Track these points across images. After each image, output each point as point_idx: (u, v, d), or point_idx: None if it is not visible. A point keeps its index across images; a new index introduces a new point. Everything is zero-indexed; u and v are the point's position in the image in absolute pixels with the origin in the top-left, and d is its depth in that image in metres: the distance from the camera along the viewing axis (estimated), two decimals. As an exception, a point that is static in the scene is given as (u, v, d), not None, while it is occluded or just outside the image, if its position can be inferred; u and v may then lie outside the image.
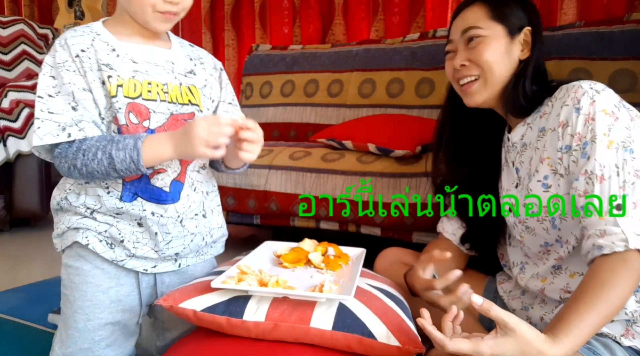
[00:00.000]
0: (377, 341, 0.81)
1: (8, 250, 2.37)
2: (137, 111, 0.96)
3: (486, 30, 1.00)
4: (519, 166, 1.04)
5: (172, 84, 1.01)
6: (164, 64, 1.02)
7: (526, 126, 1.02)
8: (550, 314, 0.97)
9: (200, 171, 1.06)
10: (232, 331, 0.86)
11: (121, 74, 0.95)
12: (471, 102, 1.04)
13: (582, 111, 0.87)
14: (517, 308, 1.07)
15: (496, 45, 1.00)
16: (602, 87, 0.88)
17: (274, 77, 2.82)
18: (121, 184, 0.96)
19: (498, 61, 1.00)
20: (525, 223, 1.03)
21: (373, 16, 2.84)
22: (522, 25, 1.01)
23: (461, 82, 1.04)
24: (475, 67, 1.01)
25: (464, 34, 1.03)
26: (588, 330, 0.75)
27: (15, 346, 1.27)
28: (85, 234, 0.97)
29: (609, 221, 0.80)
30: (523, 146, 1.02)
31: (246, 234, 2.77)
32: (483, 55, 1.00)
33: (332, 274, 1.00)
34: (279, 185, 1.96)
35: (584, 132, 0.86)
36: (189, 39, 1.25)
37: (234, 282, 0.88)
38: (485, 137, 1.14)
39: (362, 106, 2.50)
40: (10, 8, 4.03)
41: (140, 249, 0.98)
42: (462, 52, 1.03)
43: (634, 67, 1.86)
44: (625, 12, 2.13)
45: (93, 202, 0.97)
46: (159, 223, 0.98)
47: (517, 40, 1.01)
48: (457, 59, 1.04)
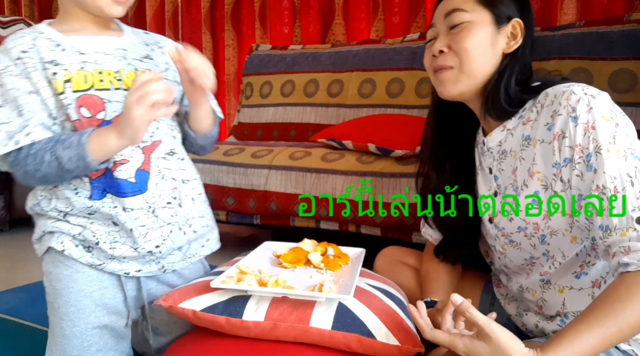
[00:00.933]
0: (376, 341, 0.81)
1: (8, 250, 2.37)
2: (89, 103, 0.93)
3: (471, 14, 0.92)
4: (497, 174, 0.97)
5: (126, 70, 0.99)
6: (113, 52, 0.99)
7: (506, 132, 0.94)
8: (544, 322, 0.95)
9: (168, 157, 1.02)
10: (232, 331, 0.86)
11: (68, 68, 0.93)
12: (444, 92, 0.95)
13: (580, 120, 0.79)
14: (512, 314, 1.06)
15: (480, 33, 0.91)
16: (597, 91, 0.82)
17: (274, 77, 2.82)
18: (88, 183, 0.95)
19: (479, 51, 0.91)
20: (510, 237, 0.97)
21: (373, 16, 2.84)
22: (511, 16, 0.93)
23: (436, 66, 0.95)
24: (453, 56, 0.93)
25: (447, 17, 0.94)
26: (585, 348, 0.69)
27: (15, 346, 1.27)
28: (60, 238, 0.96)
29: (632, 237, 0.73)
30: (502, 153, 0.95)
31: (246, 234, 2.77)
32: (464, 42, 0.91)
33: (331, 274, 1.00)
34: (279, 185, 1.96)
35: (585, 143, 0.79)
36: (189, 39, 1.25)
37: (233, 282, 0.88)
38: (460, 137, 1.07)
39: (362, 106, 2.50)
40: (10, 8, 4.03)
41: (119, 250, 0.97)
42: (443, 38, 0.95)
43: (634, 67, 1.86)
44: (625, 12, 2.13)
45: (64, 205, 0.96)
46: (132, 217, 0.96)
47: (504, 32, 0.92)
48: (436, 44, 0.95)
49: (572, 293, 0.89)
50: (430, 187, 1.10)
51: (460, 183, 1.07)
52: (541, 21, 2.40)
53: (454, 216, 1.07)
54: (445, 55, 0.94)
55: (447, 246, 1.12)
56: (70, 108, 0.92)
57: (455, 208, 1.07)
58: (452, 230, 1.10)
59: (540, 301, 0.95)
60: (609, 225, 0.76)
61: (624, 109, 1.39)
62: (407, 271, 1.21)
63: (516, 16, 0.93)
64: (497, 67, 0.93)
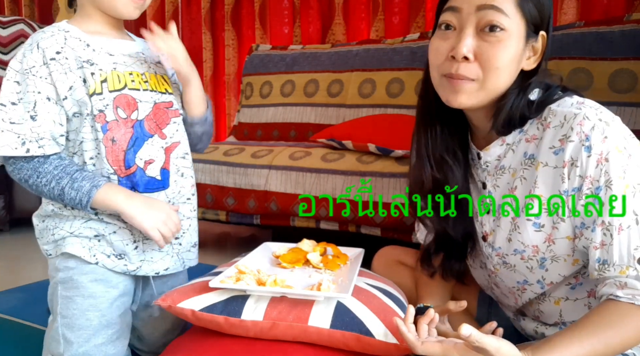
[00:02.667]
0: (375, 339, 0.81)
1: (8, 250, 2.37)
2: (124, 103, 0.96)
3: (510, 21, 0.77)
4: (492, 190, 0.93)
5: (149, 73, 1.03)
6: (136, 55, 1.03)
7: (505, 147, 0.88)
8: (543, 327, 0.95)
9: (185, 157, 1.08)
10: (231, 330, 0.86)
11: (103, 68, 0.95)
12: (455, 102, 0.84)
13: (594, 150, 0.75)
14: (511, 316, 1.06)
15: (514, 49, 0.79)
16: (611, 117, 0.77)
17: (274, 77, 2.82)
18: (116, 181, 0.97)
19: (507, 70, 0.80)
20: (504, 258, 0.93)
21: (373, 16, 2.84)
22: (540, 29, 0.82)
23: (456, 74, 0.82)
24: (478, 68, 0.80)
25: (481, 11, 0.78)
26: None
27: (15, 346, 1.27)
28: (92, 251, 0.97)
29: (631, 275, 0.73)
30: (500, 169, 0.90)
31: (246, 234, 2.77)
32: (497, 59, 0.79)
33: (330, 274, 1.00)
34: (279, 185, 1.96)
35: (597, 175, 0.76)
36: (189, 39, 1.26)
37: (232, 282, 0.88)
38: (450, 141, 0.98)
39: (362, 106, 2.50)
40: (10, 8, 4.03)
41: (149, 247, 1.02)
42: (470, 39, 0.79)
43: (634, 67, 1.86)
44: (625, 12, 2.13)
45: None
46: None
47: (530, 46, 0.82)
48: (460, 46, 0.79)
49: (568, 303, 0.88)
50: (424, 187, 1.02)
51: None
52: (541, 21, 2.39)
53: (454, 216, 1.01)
54: (469, 65, 0.80)
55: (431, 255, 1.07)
56: (108, 109, 0.94)
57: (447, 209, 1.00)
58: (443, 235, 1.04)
59: (537, 312, 0.94)
60: (607, 260, 0.76)
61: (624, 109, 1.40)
62: (404, 271, 1.21)
63: (543, 28, 0.82)
64: (514, 83, 0.84)
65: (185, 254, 1.09)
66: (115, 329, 0.99)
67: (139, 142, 0.98)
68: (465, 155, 0.98)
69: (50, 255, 1.01)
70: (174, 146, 1.05)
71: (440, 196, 0.99)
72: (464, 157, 0.98)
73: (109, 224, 0.98)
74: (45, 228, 1.01)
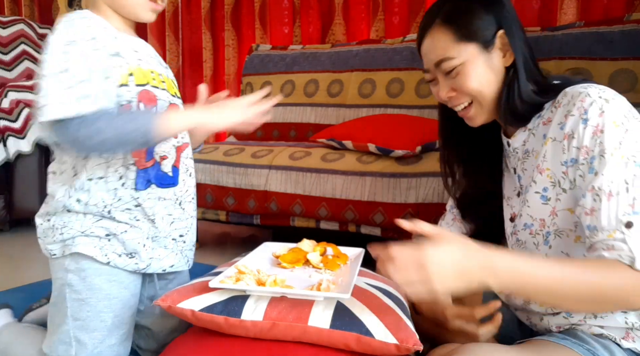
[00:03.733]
0: (374, 339, 0.81)
1: (8, 250, 2.37)
2: (147, 98, 0.97)
3: (459, 57, 0.91)
4: (521, 174, 0.98)
5: (164, 74, 1.05)
6: (154, 56, 1.05)
7: (528, 132, 0.95)
8: (549, 316, 0.95)
9: (192, 158, 1.10)
10: (230, 330, 0.86)
11: (130, 62, 0.96)
12: (474, 124, 0.98)
13: (590, 123, 0.79)
14: (518, 306, 1.05)
15: (476, 69, 0.91)
16: (612, 95, 0.81)
17: (274, 77, 2.82)
18: (135, 172, 0.97)
19: (484, 82, 0.92)
20: (517, 235, 0.97)
21: (373, 16, 2.84)
22: (494, 32, 0.91)
23: (456, 109, 0.98)
24: (463, 95, 0.94)
25: (438, 67, 0.94)
26: (538, 277, 0.73)
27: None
28: (103, 250, 0.96)
29: (617, 238, 0.75)
30: (525, 153, 0.96)
31: (246, 234, 2.78)
32: (466, 85, 0.92)
33: (330, 274, 1.00)
34: (279, 185, 1.97)
35: (592, 146, 0.79)
36: (188, 39, 1.28)
37: (231, 282, 0.88)
38: (483, 140, 1.07)
39: (362, 106, 2.50)
40: (10, 8, 4.03)
41: (158, 245, 1.03)
42: (444, 84, 0.96)
43: (634, 67, 1.86)
44: (625, 12, 2.13)
45: (111, 197, 0.96)
46: (163, 206, 1.02)
47: (495, 50, 0.92)
48: (441, 92, 0.97)
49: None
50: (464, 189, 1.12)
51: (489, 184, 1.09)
52: (541, 21, 2.40)
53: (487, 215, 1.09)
54: (455, 97, 0.95)
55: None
56: (133, 102, 0.95)
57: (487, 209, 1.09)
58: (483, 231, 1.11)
59: (548, 309, 0.94)
60: (597, 226, 0.77)
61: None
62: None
63: (498, 28, 0.91)
64: (504, 81, 0.93)
65: (188, 252, 1.11)
66: (126, 329, 1.00)
67: None
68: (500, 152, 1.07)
69: (54, 256, 0.99)
70: (184, 146, 1.07)
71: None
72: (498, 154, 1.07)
73: (121, 223, 0.98)
74: (50, 227, 0.99)
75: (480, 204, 1.11)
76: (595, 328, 0.86)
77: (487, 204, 1.10)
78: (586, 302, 0.75)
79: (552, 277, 0.73)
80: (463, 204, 1.14)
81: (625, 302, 0.75)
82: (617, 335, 0.84)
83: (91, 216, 0.97)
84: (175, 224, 1.05)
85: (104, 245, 0.97)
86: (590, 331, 0.86)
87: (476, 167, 1.10)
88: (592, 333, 0.86)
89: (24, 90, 2.70)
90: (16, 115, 2.56)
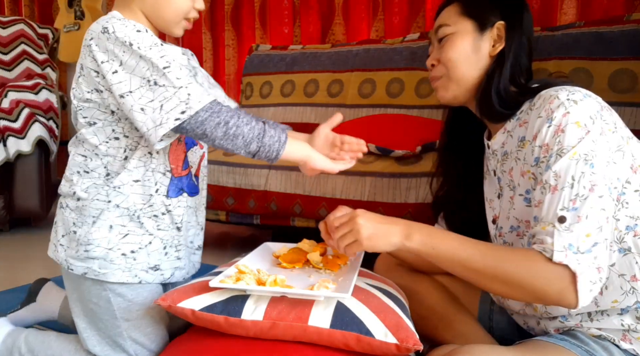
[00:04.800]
0: (375, 339, 0.81)
1: (8, 250, 2.37)
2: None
3: (453, 27, 0.98)
4: (500, 176, 1.00)
5: None
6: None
7: (506, 134, 0.96)
8: (546, 320, 0.95)
9: (207, 167, 1.12)
10: (231, 330, 0.86)
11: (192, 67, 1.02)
12: (439, 98, 1.03)
13: (554, 122, 0.82)
14: (514, 310, 1.05)
15: (461, 42, 0.97)
16: (582, 97, 0.82)
17: (274, 77, 2.82)
18: (169, 180, 0.98)
19: (462, 59, 0.97)
20: (504, 237, 0.98)
21: (373, 16, 2.84)
22: (495, 20, 0.96)
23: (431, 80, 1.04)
24: (442, 67, 0.99)
25: (436, 33, 1.01)
26: (447, 245, 0.83)
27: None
28: (132, 272, 0.97)
29: (548, 231, 0.78)
30: (504, 155, 0.97)
31: (246, 234, 2.78)
32: (447, 53, 0.97)
33: (330, 274, 1.00)
34: (279, 185, 1.96)
35: (552, 144, 0.82)
36: (189, 39, 1.28)
37: (232, 281, 0.88)
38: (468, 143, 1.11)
39: (362, 106, 2.50)
40: (10, 8, 4.03)
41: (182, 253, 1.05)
42: (434, 52, 1.02)
43: (634, 67, 1.86)
44: (625, 12, 2.13)
45: (141, 201, 0.96)
46: (186, 213, 1.03)
47: (488, 36, 0.96)
48: (429, 59, 1.03)
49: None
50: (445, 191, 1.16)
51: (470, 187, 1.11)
52: (541, 21, 2.40)
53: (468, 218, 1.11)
54: (436, 68, 1.01)
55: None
56: None
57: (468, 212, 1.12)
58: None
59: (544, 314, 0.94)
60: (537, 217, 0.81)
61: (624, 109, 1.39)
62: (405, 273, 1.21)
63: (499, 19, 0.96)
64: (486, 70, 0.97)
65: (193, 256, 1.11)
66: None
67: (188, 147, 1.03)
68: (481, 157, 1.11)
69: (72, 270, 0.97)
70: (203, 156, 1.10)
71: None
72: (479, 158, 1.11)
73: (146, 234, 0.97)
74: (75, 240, 0.96)
75: (463, 207, 1.13)
76: (594, 330, 0.86)
77: (469, 207, 1.11)
78: (498, 283, 0.81)
79: (462, 249, 0.83)
80: (446, 207, 1.16)
81: (541, 292, 0.78)
82: (615, 336, 0.84)
83: (119, 227, 0.95)
84: (191, 232, 1.08)
85: (132, 265, 0.97)
86: (590, 332, 0.86)
87: (461, 170, 1.13)
88: (591, 334, 0.86)
89: (24, 90, 2.70)
90: (16, 115, 2.56)
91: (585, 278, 0.75)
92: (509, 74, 0.94)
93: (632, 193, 0.82)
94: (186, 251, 1.07)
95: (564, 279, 0.76)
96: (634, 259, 0.82)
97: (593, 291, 0.76)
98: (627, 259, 0.82)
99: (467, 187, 1.11)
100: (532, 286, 0.78)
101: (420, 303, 1.10)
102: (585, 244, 0.76)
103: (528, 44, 0.97)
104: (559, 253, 0.76)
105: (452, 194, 1.14)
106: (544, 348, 0.84)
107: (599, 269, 0.76)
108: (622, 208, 0.82)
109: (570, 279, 0.76)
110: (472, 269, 0.82)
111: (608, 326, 0.85)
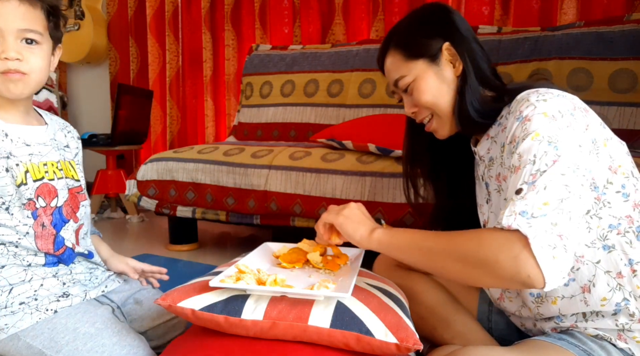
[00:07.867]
0: (375, 339, 0.81)
1: None
2: (45, 192, 0.98)
3: (410, 75, 0.99)
4: (488, 181, 1.00)
5: (62, 161, 1.04)
6: (50, 143, 1.03)
7: (490, 140, 0.98)
8: (542, 321, 0.95)
9: (86, 238, 1.12)
10: (231, 330, 0.86)
11: (22, 160, 0.95)
12: (440, 137, 1.03)
13: (522, 115, 0.83)
14: (511, 312, 1.05)
15: (427, 83, 0.98)
16: (551, 96, 0.83)
17: (274, 77, 2.82)
18: (43, 258, 0.98)
19: (437, 94, 0.98)
20: None
21: (373, 16, 2.84)
22: (439, 45, 0.97)
23: (423, 123, 1.04)
24: (423, 109, 1.01)
25: (397, 86, 1.02)
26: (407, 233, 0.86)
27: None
28: (40, 310, 0.94)
29: (508, 206, 0.76)
30: (490, 161, 0.98)
31: (246, 234, 2.78)
32: (421, 99, 0.98)
33: (330, 274, 1.00)
34: (279, 185, 1.97)
35: (519, 133, 0.82)
36: (188, 39, 1.27)
37: (232, 281, 0.88)
38: (454, 151, 1.12)
39: (362, 106, 2.50)
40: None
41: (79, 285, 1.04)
42: (406, 101, 1.03)
43: (634, 67, 1.86)
44: (625, 12, 2.13)
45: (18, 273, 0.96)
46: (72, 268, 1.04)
47: (444, 61, 0.97)
48: (405, 109, 1.04)
49: (564, 301, 0.89)
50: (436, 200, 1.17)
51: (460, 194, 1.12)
52: (541, 21, 2.40)
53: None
54: (419, 113, 1.02)
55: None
56: (33, 197, 0.95)
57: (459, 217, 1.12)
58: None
59: (537, 316, 0.94)
60: (506, 197, 0.81)
61: (624, 109, 1.40)
62: (405, 274, 1.21)
63: (441, 42, 0.97)
64: (456, 90, 0.98)
65: (97, 271, 1.11)
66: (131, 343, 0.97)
67: (58, 228, 1.00)
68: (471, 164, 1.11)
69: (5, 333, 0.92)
70: (80, 227, 1.07)
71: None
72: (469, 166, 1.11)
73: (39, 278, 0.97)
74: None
75: (455, 215, 1.13)
76: (591, 330, 0.86)
77: (461, 214, 1.12)
78: (451, 260, 0.79)
79: (418, 234, 0.85)
80: (439, 216, 1.17)
81: (494, 262, 0.72)
82: (612, 336, 0.85)
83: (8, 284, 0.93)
84: (78, 268, 1.05)
85: (38, 303, 0.94)
86: (587, 332, 0.86)
87: (450, 179, 1.14)
88: (588, 334, 0.86)
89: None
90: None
91: (540, 242, 0.69)
92: (476, 81, 0.96)
93: (614, 193, 0.82)
94: (88, 275, 1.07)
95: (514, 244, 0.71)
96: (619, 257, 0.82)
97: (558, 259, 0.69)
98: (612, 257, 0.83)
99: (463, 195, 1.12)
100: (485, 257, 0.73)
101: (420, 303, 1.10)
102: (540, 210, 0.72)
103: (478, 45, 0.98)
104: (507, 217, 0.73)
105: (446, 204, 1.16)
106: (542, 348, 0.84)
107: (561, 237, 0.70)
108: (603, 207, 0.82)
109: (523, 243, 0.70)
110: (426, 250, 0.82)
111: (604, 326, 0.85)
